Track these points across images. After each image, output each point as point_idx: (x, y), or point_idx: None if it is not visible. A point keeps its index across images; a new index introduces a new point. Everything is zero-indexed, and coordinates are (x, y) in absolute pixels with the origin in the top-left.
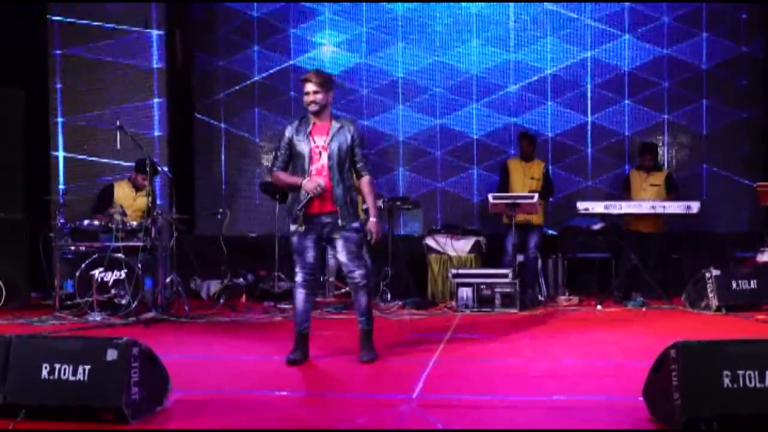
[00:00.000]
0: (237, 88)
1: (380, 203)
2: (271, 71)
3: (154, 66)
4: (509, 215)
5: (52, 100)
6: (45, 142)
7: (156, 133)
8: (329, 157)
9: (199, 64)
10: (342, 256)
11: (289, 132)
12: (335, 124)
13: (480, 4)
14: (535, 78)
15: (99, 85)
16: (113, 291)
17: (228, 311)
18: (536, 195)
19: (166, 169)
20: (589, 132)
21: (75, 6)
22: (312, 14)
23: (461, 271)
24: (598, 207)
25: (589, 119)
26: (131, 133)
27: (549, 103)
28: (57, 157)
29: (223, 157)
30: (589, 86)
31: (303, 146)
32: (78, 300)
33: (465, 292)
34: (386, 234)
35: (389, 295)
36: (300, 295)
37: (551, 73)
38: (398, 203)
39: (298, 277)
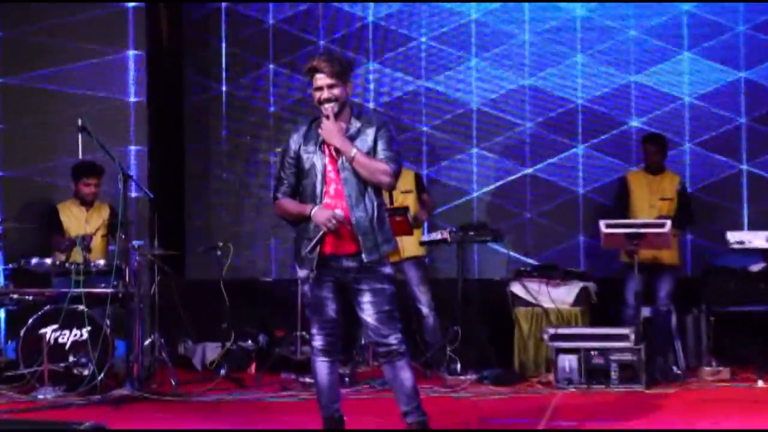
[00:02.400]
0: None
1: (446, 234)
2: (293, 55)
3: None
4: (630, 251)
5: None
6: None
7: (132, 98)
8: (345, 173)
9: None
10: (369, 316)
11: (294, 142)
12: (354, 125)
13: None
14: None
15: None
16: (72, 358)
17: (231, 386)
18: (668, 222)
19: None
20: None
21: None
22: None
23: (562, 331)
24: (758, 239)
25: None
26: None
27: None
28: None
29: (224, 168)
30: (633, 123)
31: (314, 160)
32: (23, 370)
33: (567, 362)
34: (460, 279)
35: (459, 365)
36: (321, 365)
37: (582, 104)
38: (471, 234)
39: (316, 341)
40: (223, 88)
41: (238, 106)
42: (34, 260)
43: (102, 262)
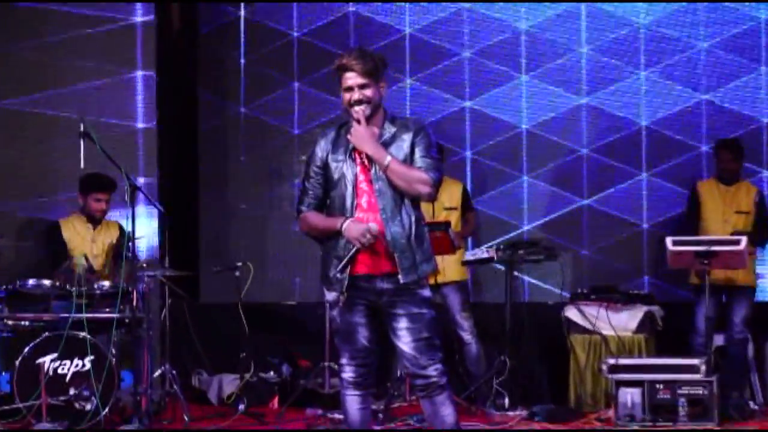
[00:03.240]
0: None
1: (493, 252)
2: (320, 72)
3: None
4: (700, 271)
5: None
6: None
7: (139, 125)
8: (379, 184)
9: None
10: (405, 345)
11: (321, 149)
12: (388, 130)
13: None
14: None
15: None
16: (73, 390)
17: (251, 423)
18: (744, 238)
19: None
20: None
21: None
22: None
23: (623, 362)
24: None
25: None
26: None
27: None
28: None
29: (243, 178)
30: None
31: (344, 170)
32: (18, 404)
33: (629, 396)
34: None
35: (506, 400)
36: (351, 399)
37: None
38: (521, 252)
39: (347, 372)
40: (242, 110)
41: (257, 130)
42: (31, 281)
43: (107, 283)
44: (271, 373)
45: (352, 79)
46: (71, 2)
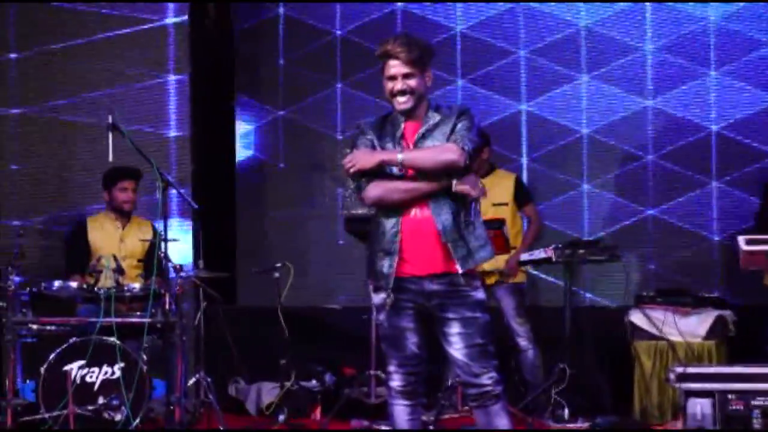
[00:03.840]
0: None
1: (551, 252)
2: (365, 73)
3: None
4: None
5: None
6: None
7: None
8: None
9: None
10: (457, 351)
11: (367, 138)
12: (432, 118)
13: None
14: None
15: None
16: (101, 399)
17: None
18: None
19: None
20: None
21: None
22: None
23: (692, 370)
24: None
25: None
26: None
27: None
28: (8, 170)
29: (282, 173)
30: None
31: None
32: (43, 414)
33: (699, 407)
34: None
35: (566, 411)
36: (400, 410)
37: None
38: (581, 252)
39: (395, 381)
40: (281, 113)
41: (298, 133)
42: (57, 283)
43: (137, 286)
44: (313, 381)
45: (395, 67)
46: (98, 2)
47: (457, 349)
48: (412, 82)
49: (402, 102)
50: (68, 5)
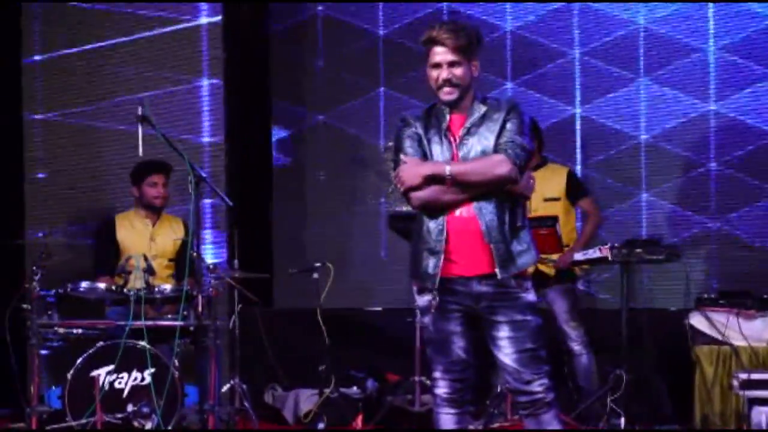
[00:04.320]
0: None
1: (606, 251)
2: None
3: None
4: None
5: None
6: (15, 146)
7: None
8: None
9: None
10: (507, 357)
11: (413, 129)
12: (477, 110)
13: None
14: None
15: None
16: (131, 407)
17: None
18: None
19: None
20: None
21: None
22: None
23: (757, 376)
24: None
25: None
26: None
27: None
28: (35, 178)
29: (320, 169)
30: None
31: (441, 150)
32: (70, 422)
33: (764, 415)
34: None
35: (623, 420)
36: (446, 418)
37: None
38: (639, 251)
39: (440, 388)
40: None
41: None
42: (84, 284)
43: (168, 287)
44: (354, 388)
45: (441, 55)
46: (128, 2)
47: (506, 354)
48: (458, 72)
49: (447, 92)
50: (91, 6)
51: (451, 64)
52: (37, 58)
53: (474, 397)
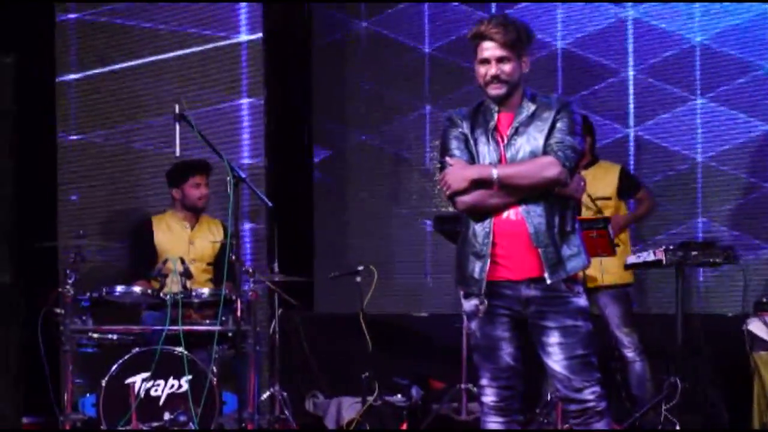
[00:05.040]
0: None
1: (660, 254)
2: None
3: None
4: None
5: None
6: (49, 157)
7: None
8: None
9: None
10: (556, 363)
11: (460, 131)
12: (526, 108)
13: None
14: None
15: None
16: (167, 415)
17: None
18: None
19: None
20: None
21: None
22: None
23: None
24: None
25: None
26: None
27: None
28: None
29: (364, 169)
30: None
31: (488, 151)
32: (104, 430)
33: None
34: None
35: (678, 429)
36: (493, 427)
37: None
38: (695, 254)
39: (488, 395)
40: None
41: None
42: (119, 288)
43: (206, 291)
44: (399, 396)
45: (489, 50)
46: (163, 19)
47: (556, 360)
48: (507, 68)
49: (494, 88)
50: (130, 22)
51: (500, 60)
52: (72, 76)
53: (522, 406)
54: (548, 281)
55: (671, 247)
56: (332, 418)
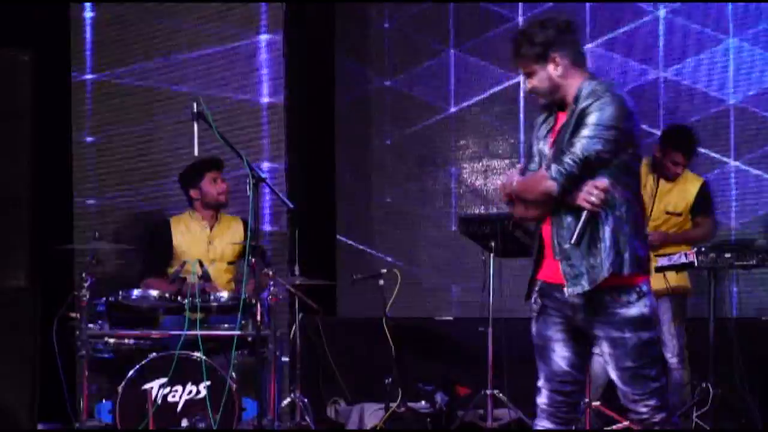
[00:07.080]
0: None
1: (693, 257)
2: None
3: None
4: None
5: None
6: (65, 158)
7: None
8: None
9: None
10: (613, 373)
11: (536, 130)
12: (571, 107)
13: None
14: None
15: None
16: (185, 422)
17: None
18: None
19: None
20: None
21: None
22: None
23: None
24: None
25: None
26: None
27: None
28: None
29: (388, 167)
30: None
31: (545, 155)
32: None
33: None
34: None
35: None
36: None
37: None
38: (729, 256)
39: (540, 397)
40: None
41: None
42: (136, 292)
43: (225, 295)
44: (423, 402)
45: (519, 67)
46: (180, 16)
47: (611, 370)
48: (534, 81)
49: (539, 99)
50: (144, 24)
51: (527, 75)
52: (88, 76)
53: (574, 416)
54: (566, 293)
55: (703, 249)
56: (354, 424)
